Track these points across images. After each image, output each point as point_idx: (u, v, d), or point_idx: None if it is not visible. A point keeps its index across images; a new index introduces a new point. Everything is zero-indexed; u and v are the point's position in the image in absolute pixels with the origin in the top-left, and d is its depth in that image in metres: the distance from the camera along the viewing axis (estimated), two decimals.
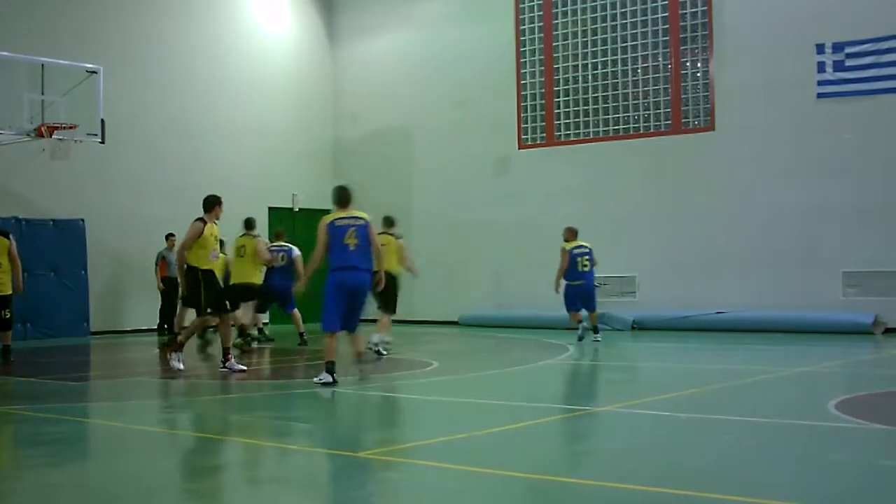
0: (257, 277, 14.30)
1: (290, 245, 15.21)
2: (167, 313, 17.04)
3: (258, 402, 9.59)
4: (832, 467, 5.80)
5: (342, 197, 10.00)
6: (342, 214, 9.87)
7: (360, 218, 9.87)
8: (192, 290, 11.12)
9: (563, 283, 14.85)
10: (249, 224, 14.45)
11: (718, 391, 9.24)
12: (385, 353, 12.69)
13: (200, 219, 11.09)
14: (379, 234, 11.69)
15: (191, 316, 15.33)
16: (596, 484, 5.42)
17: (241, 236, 14.24)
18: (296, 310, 15.11)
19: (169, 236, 16.93)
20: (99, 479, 5.93)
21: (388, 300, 12.96)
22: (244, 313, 14.71)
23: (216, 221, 11.29)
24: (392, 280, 12.65)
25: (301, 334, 14.93)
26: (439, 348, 14.64)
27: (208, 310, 11.19)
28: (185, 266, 11.10)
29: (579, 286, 14.74)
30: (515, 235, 19.29)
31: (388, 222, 13.63)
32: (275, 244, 15.09)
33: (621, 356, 13.70)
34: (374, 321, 13.19)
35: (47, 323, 17.00)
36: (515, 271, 19.25)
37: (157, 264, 17.21)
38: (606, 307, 17.55)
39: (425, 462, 6.11)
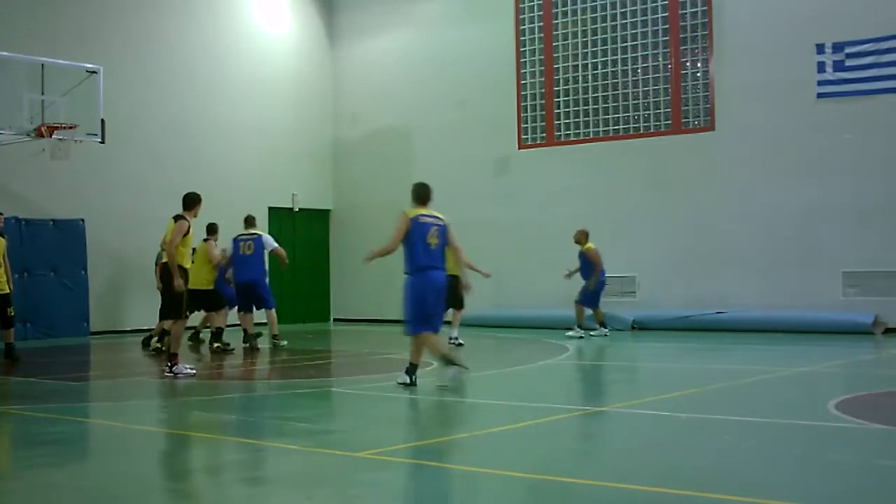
0: (207, 282, 13.72)
1: (260, 232, 14.43)
2: None
3: (257, 401, 9.60)
4: (832, 467, 5.80)
5: (423, 194, 9.70)
6: (424, 212, 9.60)
7: (441, 219, 9.68)
8: (175, 288, 10.93)
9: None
10: (210, 229, 14.10)
11: (718, 391, 9.24)
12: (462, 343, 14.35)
13: (182, 216, 11.00)
14: None
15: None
16: (596, 484, 5.42)
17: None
18: (273, 310, 14.31)
19: None
20: (99, 479, 5.94)
21: (458, 298, 13.79)
22: (218, 316, 14.14)
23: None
24: (456, 279, 13.33)
25: (275, 336, 14.20)
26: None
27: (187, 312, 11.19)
28: (165, 264, 10.97)
29: (603, 283, 16.12)
30: (515, 235, 19.29)
31: None
32: (243, 233, 14.33)
33: (621, 356, 13.70)
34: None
35: (47, 323, 16.99)
36: (515, 271, 19.24)
37: (157, 264, 17.17)
38: (607, 307, 17.54)
39: (425, 462, 6.11)
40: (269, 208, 21.00)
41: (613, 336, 16.19)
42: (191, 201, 11.24)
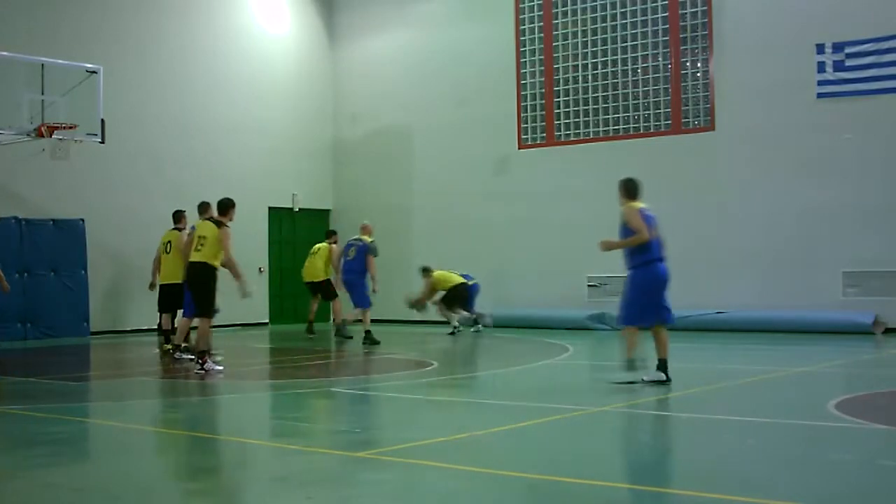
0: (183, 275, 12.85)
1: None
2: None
3: (258, 401, 9.59)
4: (832, 467, 5.80)
5: (637, 188, 9.91)
6: (644, 205, 9.74)
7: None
8: (206, 288, 11.25)
9: None
10: (177, 217, 13.64)
11: (718, 391, 9.24)
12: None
13: (222, 222, 11.33)
14: None
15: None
16: (596, 484, 5.42)
17: (169, 231, 13.61)
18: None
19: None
20: (99, 479, 5.93)
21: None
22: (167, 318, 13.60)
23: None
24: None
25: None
26: (439, 348, 14.64)
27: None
28: (213, 267, 11.25)
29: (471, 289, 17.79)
30: (515, 235, 19.29)
31: None
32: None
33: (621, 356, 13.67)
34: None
35: (47, 323, 16.98)
36: (515, 271, 19.25)
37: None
38: (606, 307, 17.56)
39: (425, 462, 6.11)
40: (270, 208, 21.01)
41: (614, 336, 16.19)
42: (226, 207, 11.51)
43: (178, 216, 13.72)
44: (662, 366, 9.44)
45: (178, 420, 8.68)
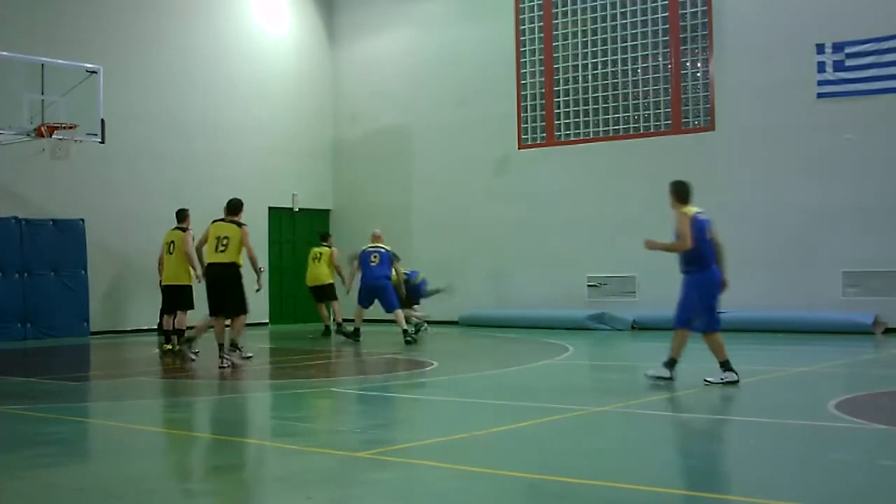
0: (187, 277, 13.23)
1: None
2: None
3: (258, 401, 9.60)
4: (832, 467, 5.80)
5: (688, 192, 9.72)
6: (699, 209, 9.65)
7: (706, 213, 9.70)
8: (239, 286, 11.69)
9: None
10: (181, 216, 13.51)
11: (718, 391, 9.23)
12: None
13: (241, 222, 11.83)
14: None
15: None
16: (596, 484, 5.42)
17: (171, 230, 13.49)
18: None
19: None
20: (99, 479, 5.93)
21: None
22: (180, 318, 13.41)
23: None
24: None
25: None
26: (439, 348, 14.64)
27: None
28: (240, 266, 11.73)
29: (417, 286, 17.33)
30: (515, 235, 19.29)
31: None
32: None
33: (621, 356, 13.70)
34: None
35: (47, 323, 16.98)
36: (515, 271, 19.25)
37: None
38: (606, 307, 17.57)
39: (425, 462, 6.11)
40: (269, 208, 21.01)
41: (614, 336, 16.20)
42: (238, 207, 12.02)
43: (182, 215, 13.57)
44: (671, 364, 9.43)
45: (178, 420, 8.68)
